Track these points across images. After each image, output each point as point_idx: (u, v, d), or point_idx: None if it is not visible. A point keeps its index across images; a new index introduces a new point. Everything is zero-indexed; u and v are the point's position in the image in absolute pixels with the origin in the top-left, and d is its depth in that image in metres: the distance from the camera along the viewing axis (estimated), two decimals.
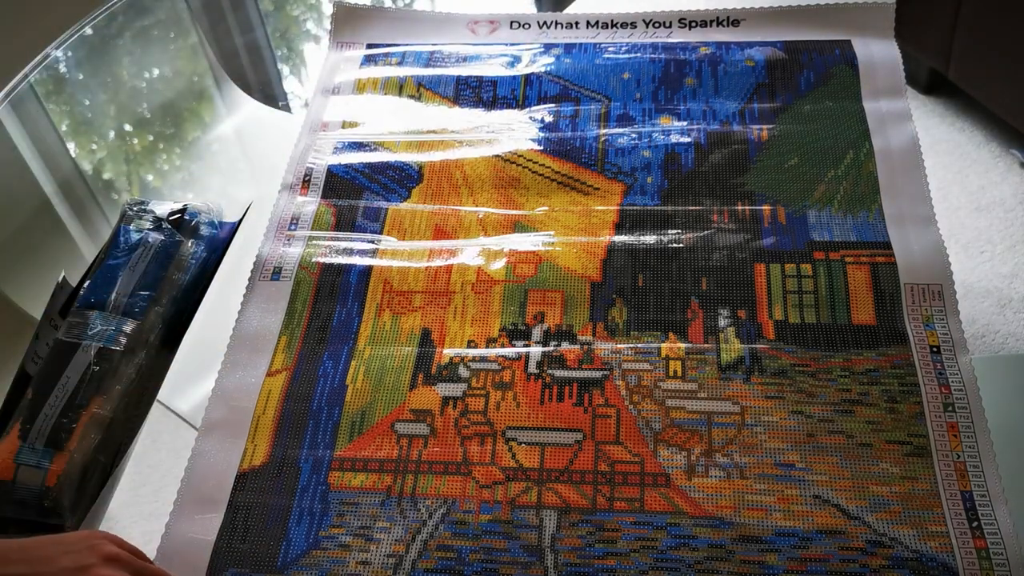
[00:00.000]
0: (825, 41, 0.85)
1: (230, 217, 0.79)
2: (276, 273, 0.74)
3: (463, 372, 0.67)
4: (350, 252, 0.75)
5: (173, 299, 0.71)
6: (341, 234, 0.77)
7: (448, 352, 0.68)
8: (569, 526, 0.59)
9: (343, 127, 0.86)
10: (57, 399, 0.64)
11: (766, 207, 0.74)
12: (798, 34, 0.87)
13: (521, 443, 0.63)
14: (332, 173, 0.81)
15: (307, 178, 0.81)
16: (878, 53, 0.84)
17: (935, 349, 0.65)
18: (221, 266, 0.76)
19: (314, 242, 0.76)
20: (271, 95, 1.06)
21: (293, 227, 0.78)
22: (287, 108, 1.03)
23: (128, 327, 0.68)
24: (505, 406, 0.65)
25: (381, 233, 0.77)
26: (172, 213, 0.76)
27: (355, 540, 0.60)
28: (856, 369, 0.64)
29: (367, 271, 0.74)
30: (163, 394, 0.69)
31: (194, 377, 0.70)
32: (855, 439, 0.61)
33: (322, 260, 0.75)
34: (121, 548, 0.54)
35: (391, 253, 0.75)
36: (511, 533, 0.59)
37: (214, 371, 0.69)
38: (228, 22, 1.16)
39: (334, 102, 0.88)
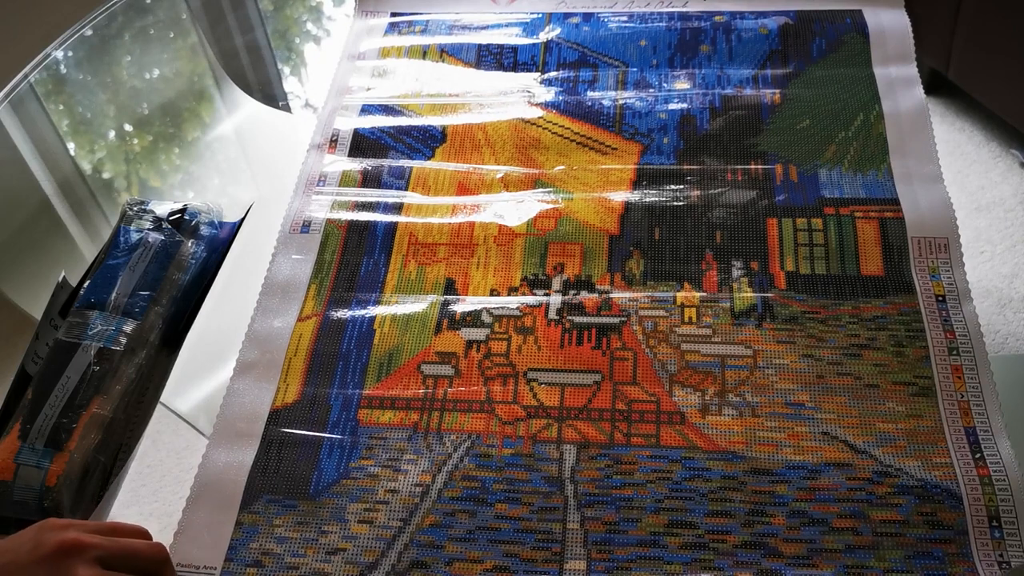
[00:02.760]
0: (837, 11, 0.88)
1: (230, 217, 0.79)
2: (305, 226, 0.77)
3: (486, 318, 0.70)
4: (376, 207, 0.78)
5: (173, 299, 0.72)
6: (367, 190, 0.80)
7: (471, 300, 0.71)
8: (588, 459, 0.62)
9: (368, 91, 0.89)
10: (57, 399, 0.64)
11: (778, 166, 0.77)
12: (810, 4, 0.89)
13: (542, 383, 0.66)
14: (359, 134, 0.84)
15: (334, 138, 0.84)
16: (888, 22, 0.86)
17: (940, 298, 0.67)
18: (223, 266, 0.76)
19: (342, 198, 0.79)
20: (271, 95, 1.07)
21: (321, 184, 0.81)
22: (287, 108, 1.03)
23: (128, 327, 0.68)
24: (527, 349, 0.68)
25: (406, 190, 0.79)
26: (172, 213, 0.76)
27: (383, 471, 0.63)
28: (864, 316, 0.67)
29: (393, 224, 0.77)
30: (164, 394, 0.69)
31: (195, 377, 0.71)
32: (863, 380, 0.64)
33: (350, 214, 0.78)
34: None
35: (416, 208, 0.78)
36: (532, 466, 0.62)
37: (215, 371, 0.71)
38: (228, 22, 1.16)
39: (359, 67, 0.91)
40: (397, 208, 0.78)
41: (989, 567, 0.55)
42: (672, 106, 0.83)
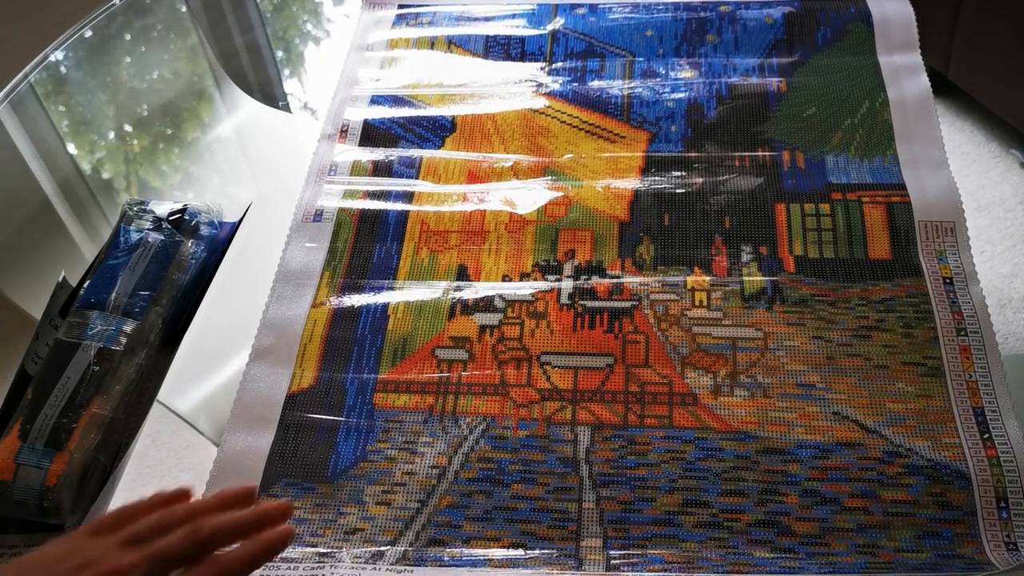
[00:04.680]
0: (841, 0, 0.89)
1: (230, 217, 0.79)
2: (318, 215, 0.78)
3: (499, 303, 0.71)
4: (388, 195, 0.79)
5: (173, 299, 0.71)
6: (378, 179, 0.80)
7: (484, 285, 0.72)
8: (602, 440, 0.63)
9: (377, 82, 0.89)
10: (57, 399, 0.63)
11: (785, 153, 0.78)
12: None
13: (555, 367, 0.67)
14: (369, 124, 0.85)
15: (344, 129, 0.85)
16: (891, 10, 0.87)
17: (948, 280, 0.68)
18: (222, 266, 0.76)
19: (353, 186, 0.80)
20: (271, 95, 1.06)
21: (332, 173, 0.81)
22: (287, 108, 1.03)
23: (128, 327, 0.67)
24: (539, 333, 0.68)
25: (417, 178, 0.80)
26: (172, 213, 0.75)
27: (400, 453, 0.63)
28: (873, 298, 0.68)
29: (404, 212, 0.77)
30: (163, 394, 0.69)
31: (195, 377, 0.71)
32: (872, 361, 0.65)
33: (361, 202, 0.78)
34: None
35: (427, 196, 0.79)
36: (547, 447, 0.63)
37: (215, 371, 0.71)
38: (228, 22, 1.16)
39: (368, 59, 0.92)
40: (408, 196, 0.79)
41: (996, 547, 0.56)
42: (679, 95, 0.83)
